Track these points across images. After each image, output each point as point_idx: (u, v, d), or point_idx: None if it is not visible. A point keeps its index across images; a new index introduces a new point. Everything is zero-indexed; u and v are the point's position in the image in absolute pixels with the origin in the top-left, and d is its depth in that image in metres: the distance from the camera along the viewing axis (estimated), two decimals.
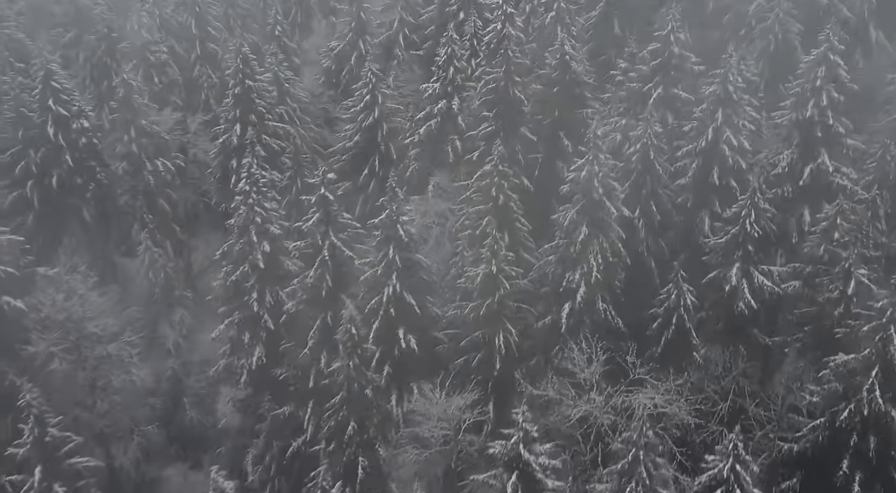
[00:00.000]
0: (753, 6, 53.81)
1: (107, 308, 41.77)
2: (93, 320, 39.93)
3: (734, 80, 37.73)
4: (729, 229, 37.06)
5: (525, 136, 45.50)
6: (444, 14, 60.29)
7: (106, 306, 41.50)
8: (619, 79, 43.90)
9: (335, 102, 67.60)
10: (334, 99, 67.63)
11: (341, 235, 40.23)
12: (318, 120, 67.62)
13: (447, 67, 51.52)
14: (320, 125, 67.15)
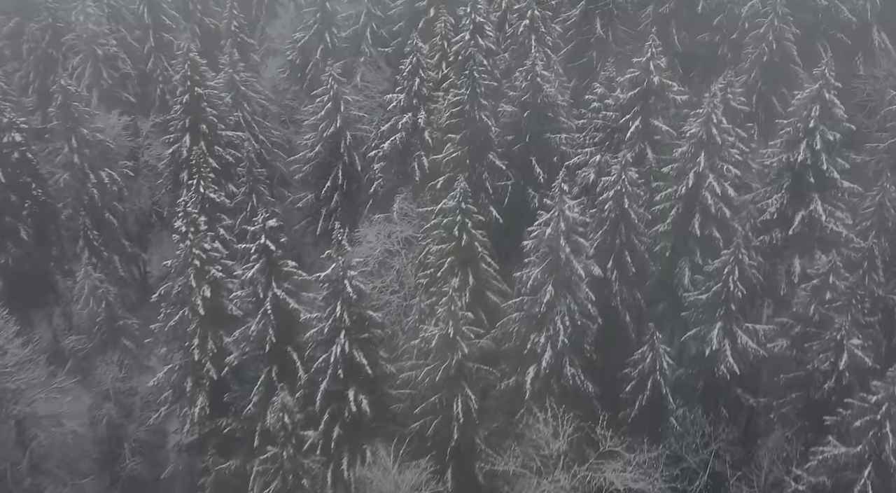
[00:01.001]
0: (747, 7, 49.48)
1: (33, 357, 38.27)
2: (13, 374, 36.49)
3: (718, 121, 33.77)
4: (711, 286, 33.61)
5: (493, 162, 41.61)
6: (413, 9, 55.76)
7: (29, 356, 37.94)
8: (594, 106, 39.83)
9: (300, 98, 63.53)
10: (299, 95, 63.52)
11: (286, 284, 36.55)
12: (283, 116, 63.63)
13: (412, 78, 47.30)
14: (286, 122, 63.14)
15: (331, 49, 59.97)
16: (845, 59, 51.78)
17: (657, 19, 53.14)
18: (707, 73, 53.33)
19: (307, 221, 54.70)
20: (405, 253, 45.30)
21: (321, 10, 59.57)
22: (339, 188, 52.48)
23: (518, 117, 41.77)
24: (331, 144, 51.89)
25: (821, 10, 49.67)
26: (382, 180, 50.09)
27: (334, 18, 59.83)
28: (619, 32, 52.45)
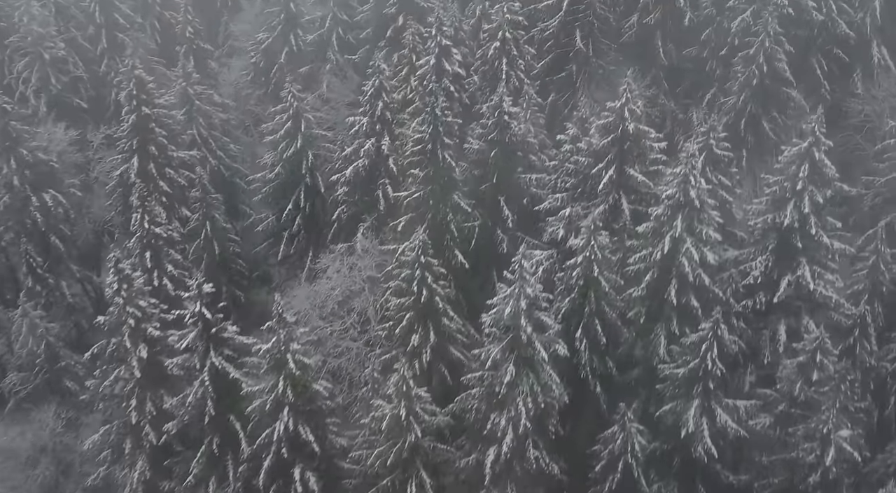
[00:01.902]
0: (737, 22, 45.75)
1: None
2: None
3: (696, 183, 30.50)
4: (688, 360, 30.74)
5: (458, 204, 38.37)
6: (381, 16, 51.89)
7: None
8: (566, 148, 36.46)
9: (264, 103, 59.84)
10: (263, 100, 59.84)
11: (226, 350, 33.51)
12: (247, 123, 60.04)
13: (375, 101, 43.78)
14: (249, 129, 59.59)
15: (296, 53, 56.40)
16: (842, 76, 48.42)
17: (641, 30, 49.51)
18: (694, 88, 49.98)
19: (269, 242, 51.61)
20: (367, 292, 42.38)
21: (285, 10, 55.75)
22: (301, 211, 49.25)
23: (485, 154, 38.41)
24: (292, 164, 48.53)
25: (816, 26, 46.01)
26: (346, 206, 46.90)
27: (299, 20, 56.02)
28: (600, 45, 48.81)
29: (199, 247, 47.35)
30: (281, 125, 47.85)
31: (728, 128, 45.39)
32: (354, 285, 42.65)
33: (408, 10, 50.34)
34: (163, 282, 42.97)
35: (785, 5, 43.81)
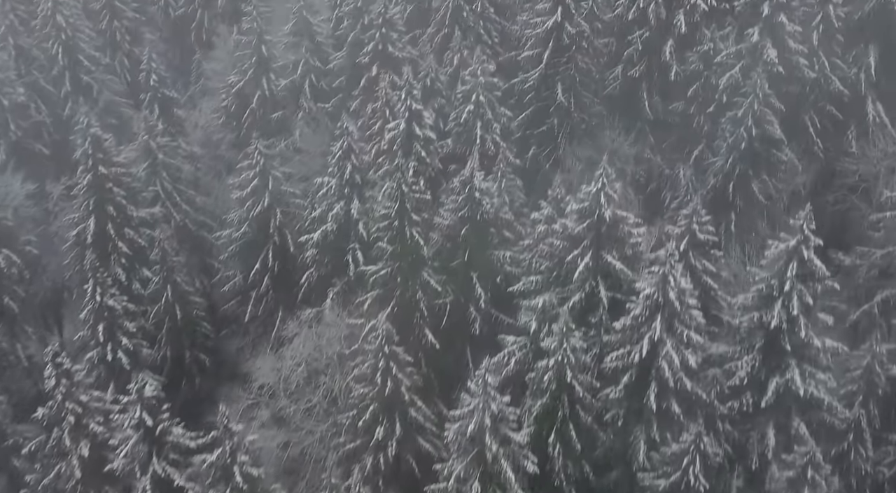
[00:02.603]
0: (725, 79, 43.44)
1: None
2: None
3: (675, 285, 28.21)
4: (668, 471, 28.47)
5: (428, 282, 36.04)
6: (354, 65, 49.55)
7: None
8: (540, 230, 34.20)
9: (237, 147, 57.53)
10: (236, 144, 57.52)
11: (171, 454, 31.11)
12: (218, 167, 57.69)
13: (343, 163, 41.52)
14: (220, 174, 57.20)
15: (268, 97, 54.11)
16: (836, 133, 46.18)
17: (626, 83, 47.31)
18: (681, 143, 47.67)
19: (237, 300, 49.26)
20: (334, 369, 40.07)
21: (257, 54, 53.44)
22: (269, 270, 46.96)
23: (456, 229, 36.11)
24: (259, 222, 46.28)
25: (808, 83, 43.78)
26: (315, 269, 44.62)
27: (271, 65, 53.73)
28: (582, 99, 46.54)
29: (161, 311, 45.11)
30: (248, 182, 45.62)
31: (715, 190, 43.57)
32: (320, 361, 40.39)
33: (381, 59, 48.04)
34: (117, 355, 40.62)
35: (775, 64, 41.73)
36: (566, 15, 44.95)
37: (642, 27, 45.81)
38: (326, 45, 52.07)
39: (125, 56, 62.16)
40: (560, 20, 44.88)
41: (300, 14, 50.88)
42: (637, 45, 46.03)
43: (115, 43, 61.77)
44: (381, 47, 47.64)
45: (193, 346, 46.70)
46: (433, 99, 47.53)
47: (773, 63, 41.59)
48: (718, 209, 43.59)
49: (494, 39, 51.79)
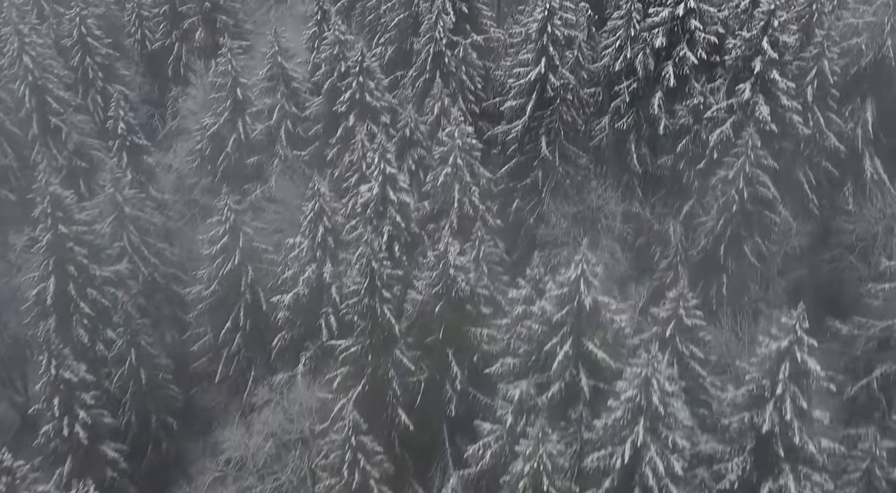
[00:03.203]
0: (716, 135, 41.53)
1: None
2: None
3: (658, 387, 26.26)
4: None
5: (400, 360, 34.05)
6: (331, 113, 47.60)
7: None
8: (518, 311, 32.25)
9: (212, 192, 55.56)
10: (210, 189, 55.56)
11: None
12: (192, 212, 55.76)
13: (315, 226, 39.60)
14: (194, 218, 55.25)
15: (244, 141, 52.17)
16: (832, 190, 44.31)
17: (613, 134, 45.38)
18: (671, 197, 45.81)
19: (209, 357, 47.31)
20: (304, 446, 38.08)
21: (232, 97, 51.53)
22: (241, 330, 45.12)
23: (431, 305, 34.14)
24: (230, 280, 44.39)
25: (803, 139, 41.93)
26: (287, 331, 42.69)
27: (246, 108, 51.82)
28: (567, 152, 44.65)
29: (125, 374, 43.11)
30: (218, 238, 43.72)
31: (706, 251, 41.68)
32: (290, 433, 38.39)
33: (359, 108, 46.11)
34: (74, 429, 38.59)
35: (767, 122, 39.87)
36: (550, 67, 43.12)
37: (630, 78, 43.96)
38: (303, 90, 50.08)
39: (98, 94, 60.26)
40: (544, 72, 43.06)
41: (275, 59, 48.88)
42: (624, 96, 44.14)
43: (87, 80, 59.88)
44: (359, 96, 45.73)
45: (160, 410, 44.69)
46: (412, 149, 45.80)
47: (765, 121, 39.74)
48: (709, 271, 41.86)
49: (477, 85, 50.04)
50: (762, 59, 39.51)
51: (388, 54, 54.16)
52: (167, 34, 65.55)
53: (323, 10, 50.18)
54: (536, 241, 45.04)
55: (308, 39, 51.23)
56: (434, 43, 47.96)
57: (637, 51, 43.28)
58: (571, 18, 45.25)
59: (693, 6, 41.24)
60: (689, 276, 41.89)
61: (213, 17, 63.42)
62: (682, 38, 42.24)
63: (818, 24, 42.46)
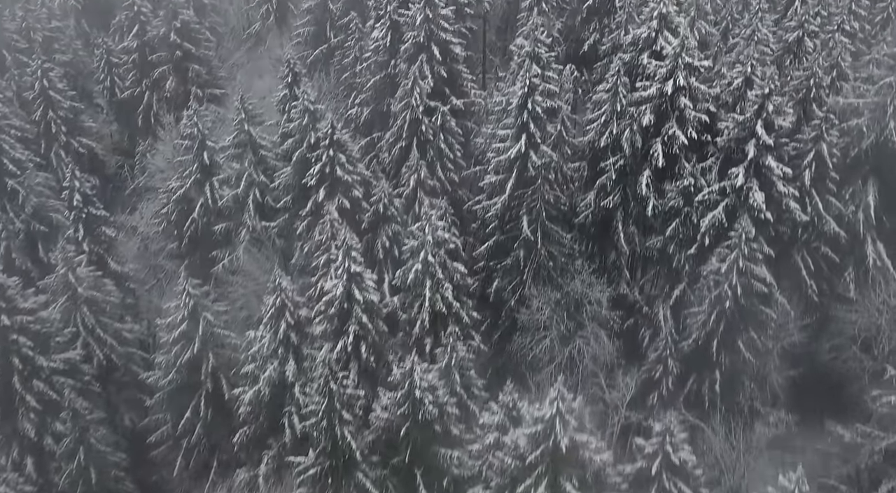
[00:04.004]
0: (707, 220, 38.88)
1: None
2: None
3: None
4: None
5: (363, 484, 31.23)
6: (300, 185, 44.79)
7: None
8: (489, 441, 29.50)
9: (179, 258, 52.88)
10: (177, 254, 52.88)
11: None
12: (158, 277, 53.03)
13: (277, 322, 36.82)
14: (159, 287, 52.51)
15: (211, 207, 49.43)
16: (832, 274, 41.67)
17: (598, 211, 42.70)
18: (660, 281, 43.20)
19: (169, 444, 44.44)
20: None
21: (198, 161, 48.85)
22: (201, 419, 42.29)
23: (397, 424, 31.35)
24: (189, 368, 41.59)
25: (801, 225, 39.32)
26: (249, 427, 39.85)
27: (215, 172, 49.12)
28: (550, 231, 41.79)
29: (74, 473, 40.22)
30: (176, 325, 40.90)
31: (697, 344, 39.00)
32: None
33: (330, 182, 43.32)
34: None
35: (762, 210, 37.26)
36: (531, 144, 40.50)
37: (616, 154, 41.33)
38: (273, 156, 47.30)
39: (62, 148, 57.65)
40: (524, 150, 40.42)
41: (241, 126, 46.12)
42: (611, 173, 41.51)
43: (50, 135, 57.21)
44: (329, 170, 42.97)
45: None
46: (386, 225, 43.15)
47: (760, 209, 37.12)
48: (701, 365, 39.26)
49: (457, 153, 47.46)
50: (756, 143, 36.94)
51: (364, 115, 51.56)
52: (137, 82, 62.85)
53: (294, 72, 47.30)
54: (517, 324, 42.45)
55: (279, 102, 48.45)
56: (410, 110, 45.35)
57: (623, 127, 40.70)
58: (554, 89, 42.76)
59: (682, 83, 38.68)
60: (680, 369, 39.60)
61: (185, 67, 60.88)
62: (670, 115, 39.68)
63: (816, 99, 40.01)
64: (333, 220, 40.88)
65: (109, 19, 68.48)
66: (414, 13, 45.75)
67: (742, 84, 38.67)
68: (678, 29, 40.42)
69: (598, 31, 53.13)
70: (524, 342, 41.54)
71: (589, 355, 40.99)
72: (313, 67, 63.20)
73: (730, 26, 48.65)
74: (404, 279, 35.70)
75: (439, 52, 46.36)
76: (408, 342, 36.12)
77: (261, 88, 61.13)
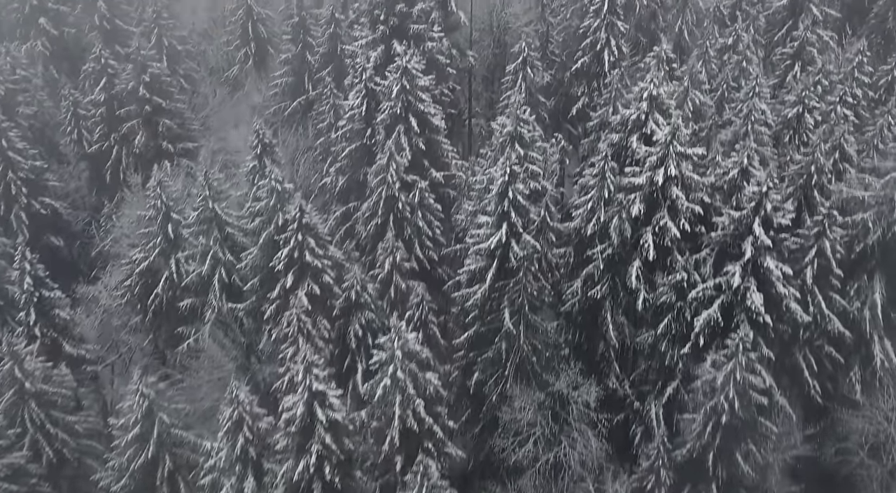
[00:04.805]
0: (702, 319, 36.02)
1: None
2: None
3: None
4: None
5: None
6: (268, 269, 41.87)
7: None
8: None
9: (142, 332, 50.15)
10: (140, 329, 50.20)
11: None
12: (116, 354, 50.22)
13: (235, 434, 33.88)
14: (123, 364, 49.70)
15: (175, 282, 46.61)
16: (837, 378, 38.90)
17: (586, 301, 39.89)
18: (651, 376, 40.42)
19: None
20: None
21: (163, 234, 46.10)
22: None
23: None
24: (144, 472, 38.67)
25: (803, 325, 36.54)
26: None
27: (180, 245, 46.37)
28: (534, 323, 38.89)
29: None
30: (129, 426, 37.97)
31: (692, 457, 36.12)
32: None
33: (299, 268, 40.43)
34: None
35: (761, 313, 34.49)
36: (513, 233, 37.65)
37: (604, 242, 38.57)
38: (240, 235, 44.41)
39: (22, 210, 54.58)
40: (506, 240, 37.59)
41: (206, 204, 43.25)
42: (598, 262, 38.73)
43: (10, 197, 54.16)
44: (297, 255, 40.10)
45: None
46: (359, 311, 40.40)
47: (758, 311, 34.35)
48: (696, 477, 36.39)
49: (436, 230, 44.72)
50: (753, 243, 34.13)
51: (340, 184, 48.71)
52: (105, 136, 59.80)
53: (263, 143, 44.47)
54: (498, 422, 39.62)
55: (249, 172, 45.58)
56: (386, 186, 42.55)
57: (612, 214, 37.97)
58: (538, 170, 40.08)
59: (674, 173, 35.93)
60: (674, 479, 36.81)
61: (155, 121, 57.78)
62: (662, 205, 36.97)
63: (818, 186, 37.38)
64: (300, 313, 38.08)
65: (80, 64, 65.57)
66: (390, 83, 43.00)
67: (738, 175, 35.96)
68: (669, 111, 37.83)
69: (588, 94, 50.62)
70: (505, 445, 38.71)
71: (576, 458, 38.25)
72: (291, 120, 60.69)
73: (725, 94, 46.19)
74: (372, 393, 32.77)
75: (417, 124, 43.66)
76: (376, 460, 33.20)
77: (235, 139, 58.53)
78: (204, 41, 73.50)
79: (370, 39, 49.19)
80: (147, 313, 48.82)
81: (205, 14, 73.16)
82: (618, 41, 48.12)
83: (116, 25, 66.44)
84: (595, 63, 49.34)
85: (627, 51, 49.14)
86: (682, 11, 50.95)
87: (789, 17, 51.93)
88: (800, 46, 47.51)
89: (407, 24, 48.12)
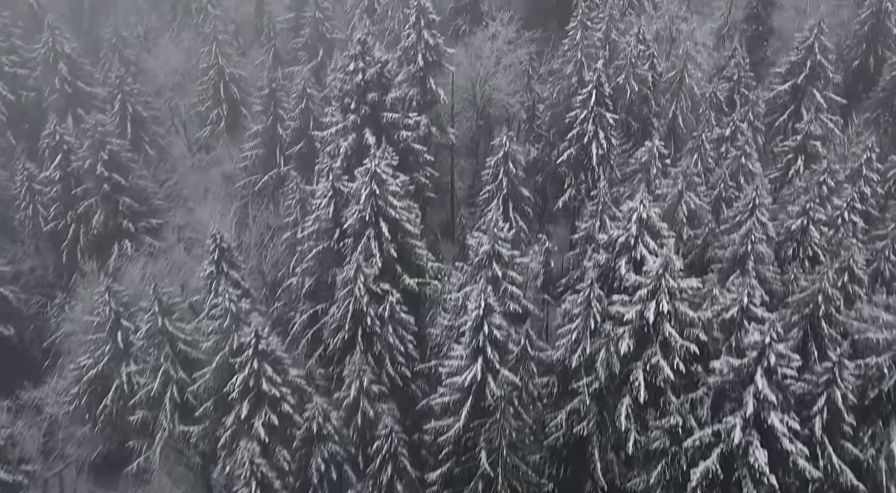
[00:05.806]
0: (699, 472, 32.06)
1: None
2: None
3: None
4: None
5: None
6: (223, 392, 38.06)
7: None
8: None
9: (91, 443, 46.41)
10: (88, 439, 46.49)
11: None
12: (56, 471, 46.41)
13: None
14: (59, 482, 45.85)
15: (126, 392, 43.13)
16: None
17: (571, 436, 36.18)
18: None
19: None
20: None
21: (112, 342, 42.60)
22: None
23: None
24: None
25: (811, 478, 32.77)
26: None
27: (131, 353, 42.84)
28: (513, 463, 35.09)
29: None
30: None
31: None
32: None
33: (255, 396, 36.69)
34: None
35: (765, 472, 30.79)
36: (489, 369, 33.96)
37: (590, 375, 34.92)
38: (194, 352, 40.68)
39: None
40: (480, 377, 33.90)
41: (155, 320, 39.52)
42: (584, 396, 35.06)
43: None
44: (253, 383, 36.40)
45: None
46: (322, 444, 36.94)
47: (761, 471, 30.71)
48: None
49: (409, 345, 40.98)
50: (756, 394, 30.49)
51: (308, 285, 44.91)
52: (62, 214, 56.07)
53: (221, 248, 40.84)
54: None
55: (206, 277, 41.91)
56: (354, 299, 38.89)
57: (598, 346, 34.33)
58: (517, 291, 36.52)
59: (666, 309, 32.32)
60: None
61: (115, 199, 53.99)
62: (653, 341, 33.31)
63: (826, 316, 33.90)
64: (253, 457, 34.36)
65: (40, 129, 61.85)
66: (358, 187, 39.35)
67: (738, 314, 32.38)
68: (661, 232, 34.34)
69: (575, 186, 47.09)
70: None
71: None
72: (262, 193, 57.01)
73: (723, 194, 42.75)
74: None
75: (388, 230, 39.96)
76: None
77: (203, 216, 54.65)
78: (177, 96, 69.69)
79: (341, 126, 45.56)
80: (95, 423, 45.10)
81: (180, 66, 69.26)
82: (607, 133, 44.62)
83: (79, 88, 63.08)
84: (583, 154, 45.79)
85: (617, 142, 45.64)
86: (676, 96, 47.53)
87: (791, 102, 48.64)
88: (803, 140, 44.09)
89: (379, 112, 44.56)
